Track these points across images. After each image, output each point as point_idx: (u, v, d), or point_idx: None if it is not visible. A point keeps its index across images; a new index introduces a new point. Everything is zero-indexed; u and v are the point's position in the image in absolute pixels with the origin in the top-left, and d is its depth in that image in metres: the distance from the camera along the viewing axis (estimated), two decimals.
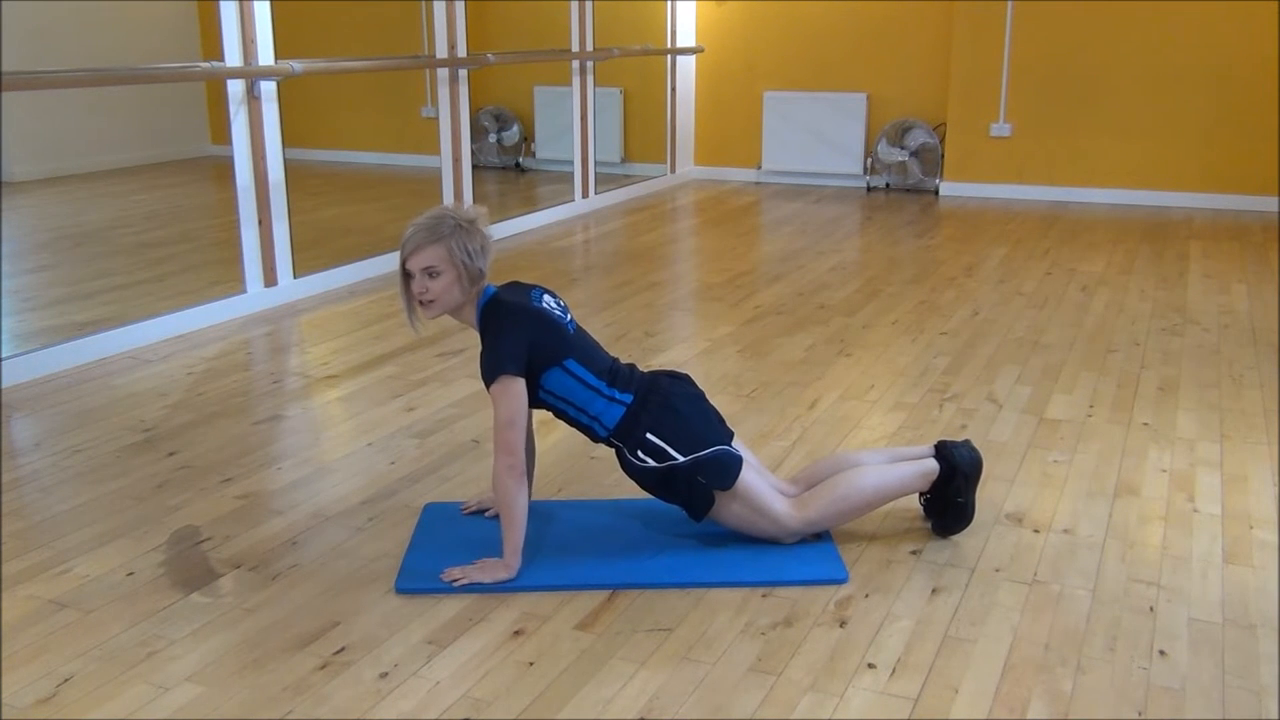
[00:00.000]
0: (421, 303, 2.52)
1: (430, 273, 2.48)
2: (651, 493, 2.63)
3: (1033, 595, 2.44)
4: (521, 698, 2.08)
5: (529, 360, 2.49)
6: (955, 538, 2.69)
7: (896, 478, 2.66)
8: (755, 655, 2.22)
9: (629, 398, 2.57)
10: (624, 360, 2.70)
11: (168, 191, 8.20)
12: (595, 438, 2.61)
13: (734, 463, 2.56)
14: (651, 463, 2.55)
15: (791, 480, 2.76)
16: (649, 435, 2.54)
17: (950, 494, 2.65)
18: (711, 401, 2.73)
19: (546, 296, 2.59)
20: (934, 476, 2.66)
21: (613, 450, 2.65)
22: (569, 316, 2.61)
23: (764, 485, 2.62)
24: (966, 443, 2.70)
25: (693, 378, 2.74)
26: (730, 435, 2.63)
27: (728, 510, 2.59)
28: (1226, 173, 7.24)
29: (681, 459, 2.53)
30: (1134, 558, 2.60)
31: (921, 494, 2.72)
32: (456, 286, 2.49)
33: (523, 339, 2.48)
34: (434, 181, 6.06)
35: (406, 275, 2.53)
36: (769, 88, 8.32)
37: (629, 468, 2.60)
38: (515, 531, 2.47)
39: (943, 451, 2.69)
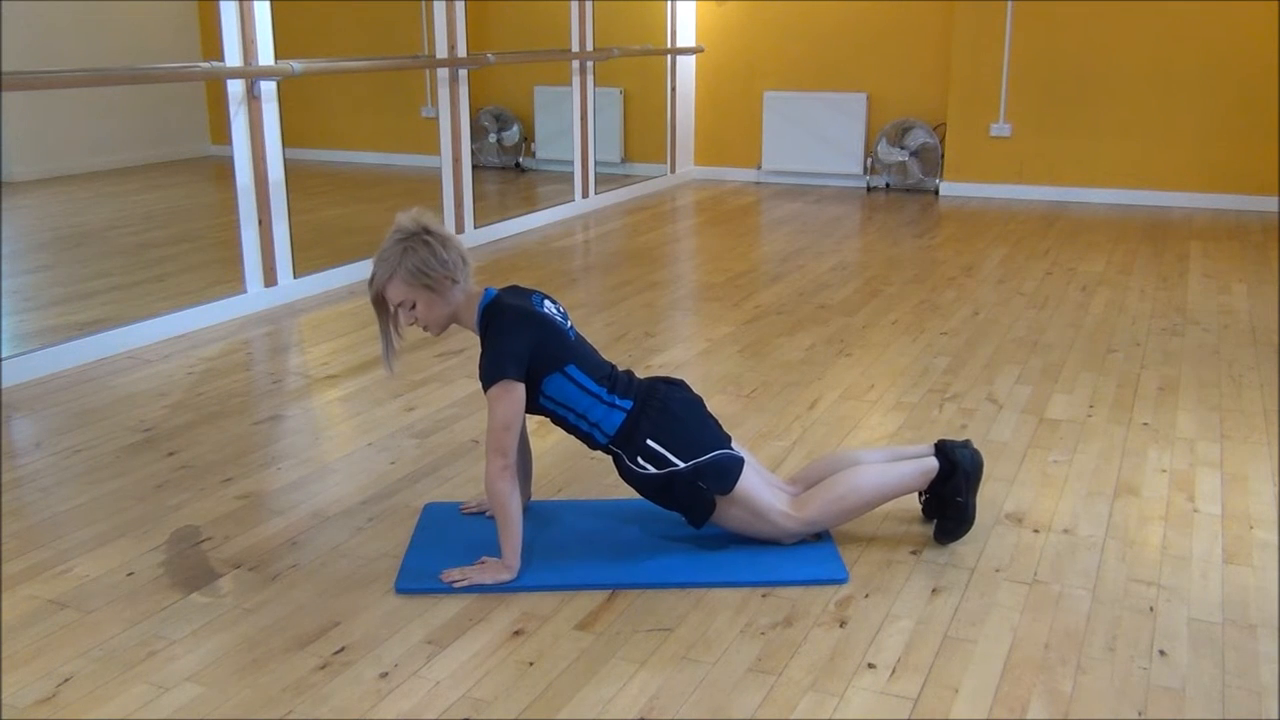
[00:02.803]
0: (424, 328, 2.56)
1: (404, 305, 2.51)
2: (651, 499, 2.62)
3: (1033, 595, 2.44)
4: (521, 698, 2.08)
5: (530, 365, 2.48)
6: None
7: (896, 476, 2.65)
8: (755, 655, 2.22)
9: (629, 404, 2.56)
10: (622, 365, 2.70)
11: (168, 191, 8.20)
12: (594, 444, 2.60)
13: (734, 466, 2.55)
14: (652, 469, 2.54)
15: (791, 480, 2.76)
16: (649, 442, 2.53)
17: (948, 492, 2.64)
18: (710, 402, 2.73)
19: (547, 302, 2.59)
20: (934, 475, 2.65)
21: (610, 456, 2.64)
22: (569, 323, 2.61)
23: (763, 487, 2.61)
24: (967, 443, 2.70)
25: (688, 383, 2.73)
26: (728, 438, 2.63)
27: (727, 514, 2.58)
28: (1226, 173, 7.24)
29: (682, 465, 2.53)
30: (1134, 558, 2.60)
31: (921, 495, 2.72)
32: (437, 302, 2.51)
33: (525, 342, 2.47)
34: (434, 181, 6.06)
35: (384, 309, 2.55)
36: (769, 88, 8.32)
37: (628, 475, 2.59)
38: (512, 533, 2.47)
39: (943, 449, 2.68)
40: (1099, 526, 2.76)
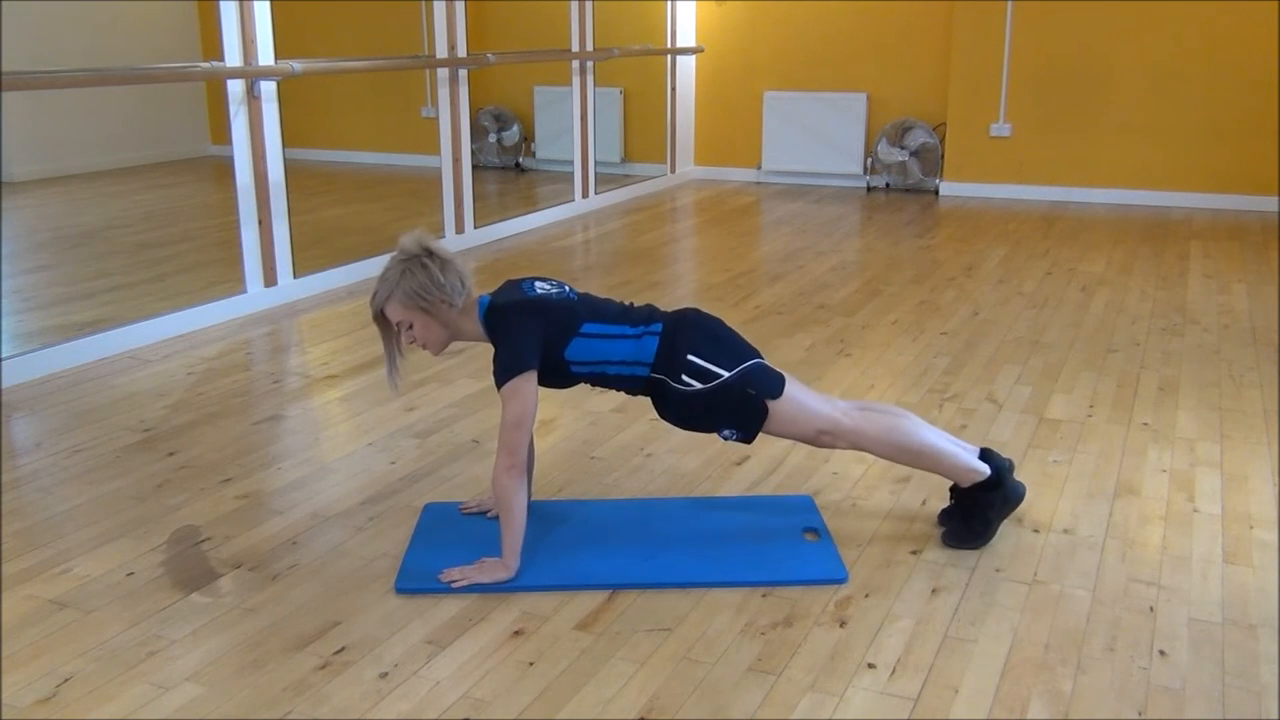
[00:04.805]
0: (422, 346, 2.58)
1: (403, 325, 2.53)
2: (698, 426, 2.62)
3: (1033, 595, 2.44)
4: (521, 698, 2.08)
5: (546, 345, 2.50)
6: None
7: (950, 454, 2.62)
8: (755, 655, 2.22)
9: (659, 326, 2.58)
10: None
11: (168, 191, 8.20)
12: (638, 383, 2.58)
13: (776, 372, 2.58)
14: (698, 385, 2.53)
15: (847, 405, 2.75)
16: (690, 357, 2.53)
17: (980, 504, 2.63)
18: None
19: (538, 283, 2.61)
20: (979, 478, 2.63)
21: (647, 399, 2.62)
22: (567, 288, 2.62)
23: (810, 394, 2.63)
24: (1012, 465, 2.70)
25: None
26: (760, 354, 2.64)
27: (778, 424, 2.58)
28: (1226, 173, 7.25)
29: (728, 374, 2.53)
30: (1134, 558, 2.60)
31: (951, 496, 2.71)
32: (434, 323, 2.52)
33: (534, 330, 2.49)
34: (434, 181, 6.06)
35: (388, 327, 2.57)
36: (769, 88, 8.32)
37: (675, 401, 2.56)
38: (514, 532, 2.47)
39: (992, 461, 2.65)
40: (1099, 526, 2.76)
